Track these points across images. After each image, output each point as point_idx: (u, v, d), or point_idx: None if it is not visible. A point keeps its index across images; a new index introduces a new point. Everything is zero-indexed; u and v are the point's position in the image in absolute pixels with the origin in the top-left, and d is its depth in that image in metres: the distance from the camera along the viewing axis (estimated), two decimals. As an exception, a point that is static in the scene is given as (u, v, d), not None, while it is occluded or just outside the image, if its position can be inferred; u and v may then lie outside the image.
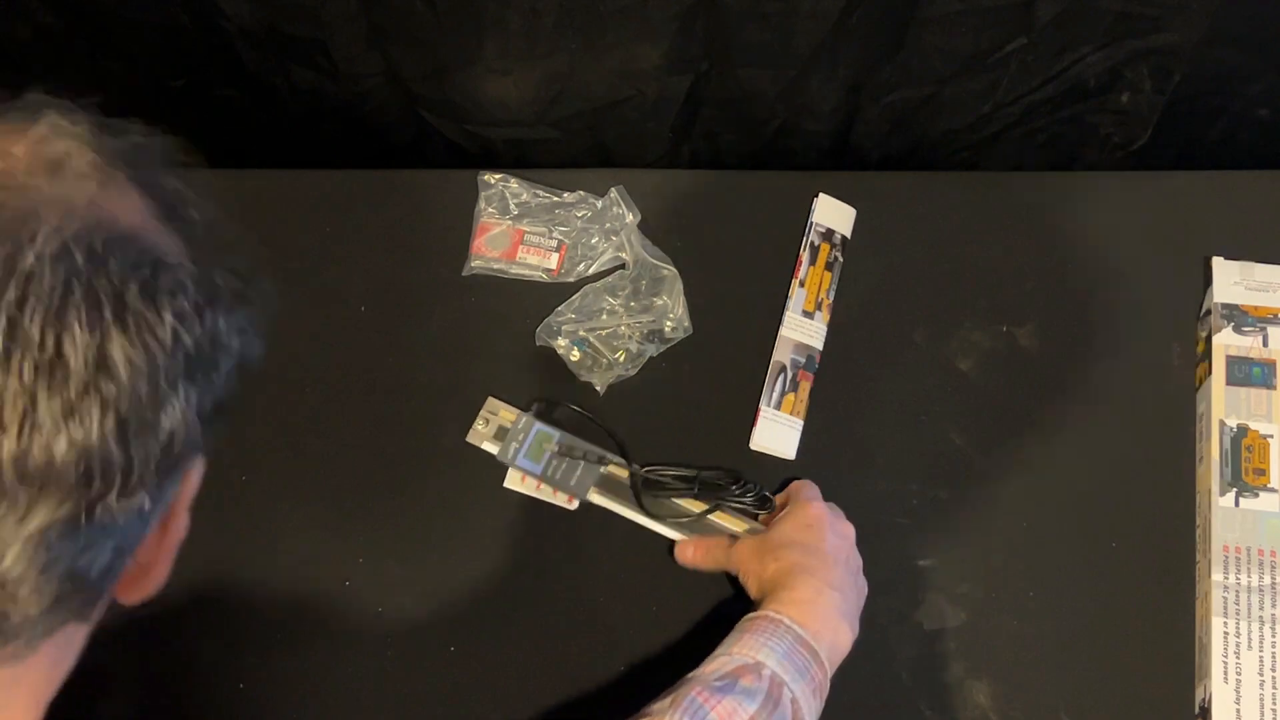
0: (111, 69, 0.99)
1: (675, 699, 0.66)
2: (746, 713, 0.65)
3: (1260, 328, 0.89)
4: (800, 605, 0.73)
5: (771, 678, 0.68)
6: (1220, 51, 0.93)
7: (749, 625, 0.72)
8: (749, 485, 0.84)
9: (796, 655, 0.70)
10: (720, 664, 0.69)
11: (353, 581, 0.84)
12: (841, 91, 0.97)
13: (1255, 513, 0.84)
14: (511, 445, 0.86)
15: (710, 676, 0.68)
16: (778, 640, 0.70)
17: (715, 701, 0.65)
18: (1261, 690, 0.79)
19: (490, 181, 0.97)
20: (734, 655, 0.69)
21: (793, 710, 0.68)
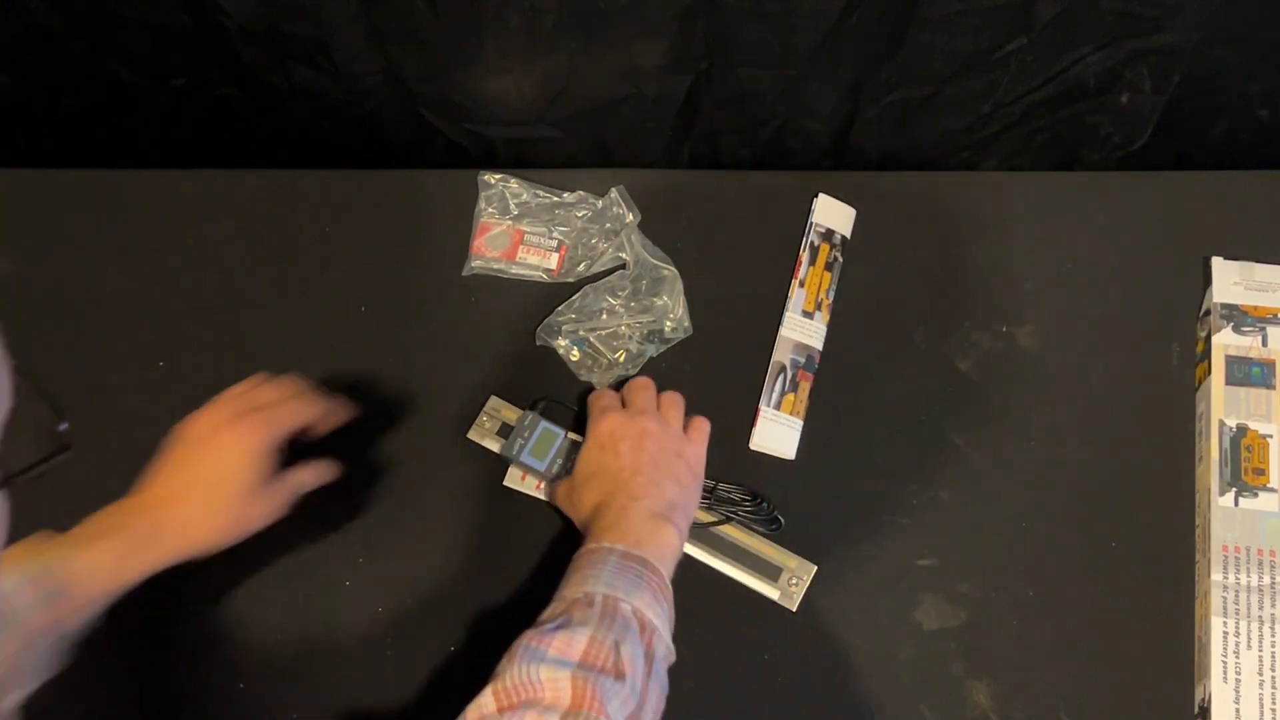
0: (111, 69, 0.99)
1: (510, 653, 0.65)
2: (585, 635, 0.65)
3: (1260, 328, 0.89)
4: (611, 529, 0.74)
5: (603, 600, 0.68)
6: (1220, 51, 0.93)
7: (573, 566, 0.72)
8: (762, 504, 0.85)
9: (626, 571, 0.70)
10: (552, 609, 0.69)
11: (353, 581, 0.85)
12: (841, 91, 0.97)
13: (1255, 513, 0.84)
14: (516, 441, 0.86)
15: (545, 624, 0.67)
16: (600, 567, 0.70)
17: (549, 639, 0.65)
18: (1261, 690, 0.79)
19: (490, 181, 0.97)
20: (563, 597, 0.69)
21: (636, 619, 0.68)
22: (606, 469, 0.79)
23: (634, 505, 0.75)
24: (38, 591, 0.69)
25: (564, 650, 0.64)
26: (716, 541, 0.85)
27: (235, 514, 0.76)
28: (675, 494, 0.78)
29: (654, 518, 0.75)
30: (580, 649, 0.64)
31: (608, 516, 0.75)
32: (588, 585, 0.69)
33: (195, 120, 1.05)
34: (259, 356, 0.92)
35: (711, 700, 0.82)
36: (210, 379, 0.80)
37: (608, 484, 0.78)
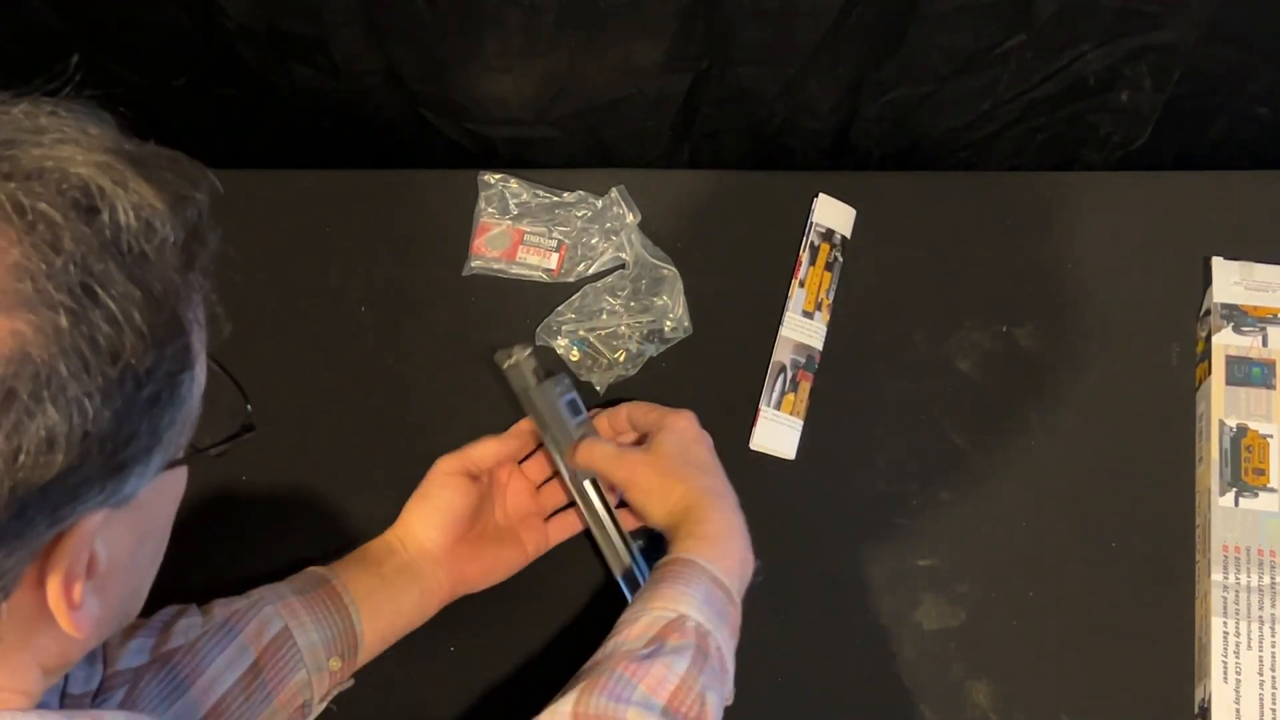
0: (111, 69, 0.99)
1: (593, 680, 0.61)
2: (676, 675, 0.62)
3: (1260, 328, 0.89)
4: (713, 541, 0.70)
5: (696, 629, 0.65)
6: (1220, 50, 0.92)
7: (664, 574, 0.69)
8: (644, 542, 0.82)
9: (714, 599, 0.67)
10: (643, 626, 0.65)
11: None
12: (841, 90, 0.97)
13: (1255, 513, 0.84)
14: (556, 388, 0.83)
15: (636, 644, 0.64)
16: (695, 586, 0.67)
17: (643, 671, 0.61)
18: (1261, 690, 0.79)
19: (490, 181, 0.97)
20: (653, 610, 0.66)
21: (719, 660, 0.65)
22: (703, 463, 0.76)
23: (738, 521, 0.73)
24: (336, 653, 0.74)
25: (654, 689, 0.61)
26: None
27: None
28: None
29: (746, 543, 0.72)
30: (670, 690, 0.61)
31: (713, 523, 0.72)
32: (682, 605, 0.66)
33: (195, 120, 1.05)
34: (259, 356, 0.91)
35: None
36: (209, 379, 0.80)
37: (710, 480, 0.75)
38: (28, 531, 0.40)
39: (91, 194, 0.40)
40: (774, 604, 0.84)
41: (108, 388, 0.40)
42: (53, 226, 0.39)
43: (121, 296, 0.40)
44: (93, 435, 0.40)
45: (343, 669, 0.75)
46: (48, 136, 0.42)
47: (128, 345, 0.40)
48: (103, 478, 0.42)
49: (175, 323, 0.43)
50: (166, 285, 0.42)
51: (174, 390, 0.44)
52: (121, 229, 0.41)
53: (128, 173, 0.42)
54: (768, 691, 0.82)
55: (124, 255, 0.41)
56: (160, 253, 0.42)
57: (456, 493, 0.80)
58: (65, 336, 0.39)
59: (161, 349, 0.42)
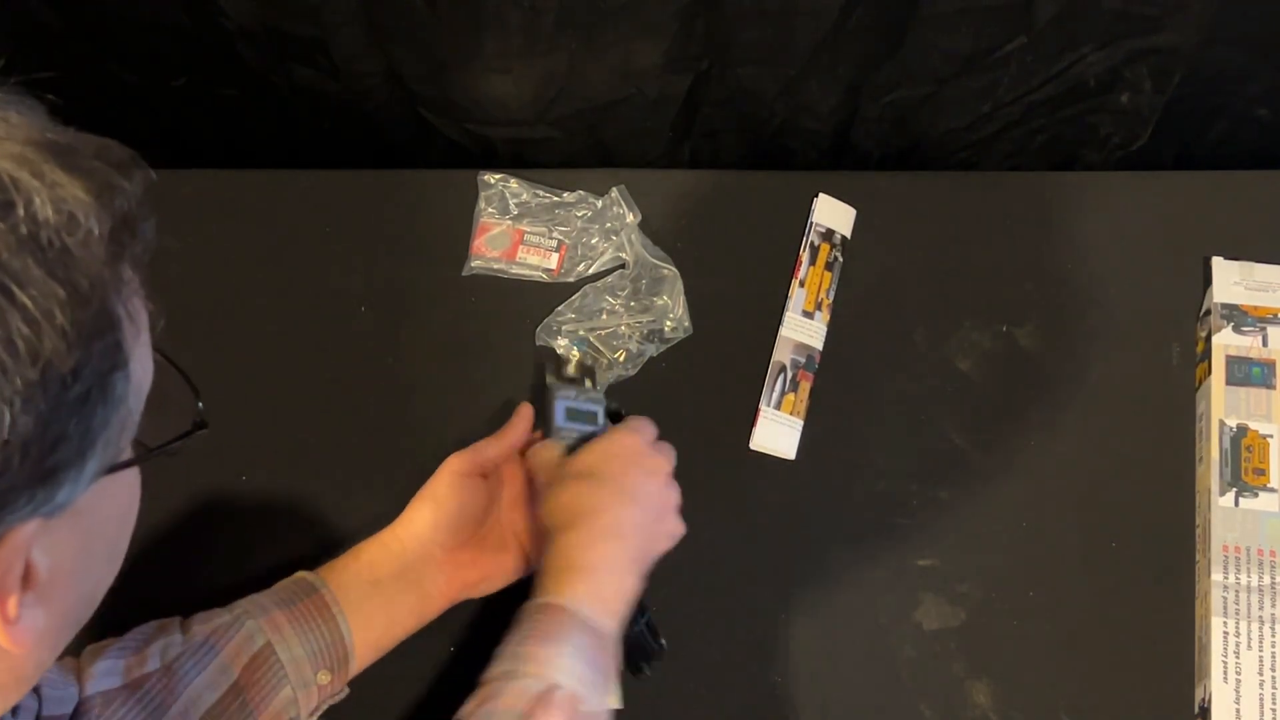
0: (111, 69, 0.99)
1: None
2: None
3: (1260, 328, 0.89)
4: (585, 575, 0.67)
5: (569, 700, 0.61)
6: (1220, 51, 0.93)
7: (536, 625, 0.65)
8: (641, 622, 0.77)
9: (587, 652, 0.64)
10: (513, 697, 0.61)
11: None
12: (841, 91, 0.97)
13: (1255, 513, 0.84)
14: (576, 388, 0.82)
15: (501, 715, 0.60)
16: (568, 645, 0.64)
17: None
18: (1261, 690, 0.79)
19: (490, 181, 0.97)
20: (524, 676, 0.62)
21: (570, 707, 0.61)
22: (604, 477, 0.72)
23: (611, 546, 0.69)
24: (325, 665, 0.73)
25: None
26: None
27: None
28: (644, 547, 0.71)
29: (624, 568, 0.69)
30: None
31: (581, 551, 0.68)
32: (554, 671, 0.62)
33: (195, 120, 1.05)
34: (259, 356, 0.92)
35: (711, 697, 0.82)
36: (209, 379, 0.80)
37: (595, 496, 0.71)
38: None
39: (5, 187, 0.39)
40: (774, 604, 0.84)
41: (28, 391, 0.38)
42: None
43: (41, 295, 0.38)
44: (13, 442, 0.38)
45: (333, 681, 0.73)
46: None
47: (48, 345, 0.38)
48: (30, 485, 0.40)
49: (103, 318, 0.41)
50: (93, 280, 0.40)
51: (105, 389, 0.42)
52: (40, 223, 0.39)
53: (46, 164, 0.40)
54: (768, 691, 0.82)
55: (43, 250, 0.39)
56: (85, 246, 0.40)
57: (467, 494, 0.78)
58: None
59: (88, 347, 0.40)
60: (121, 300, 0.43)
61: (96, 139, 0.43)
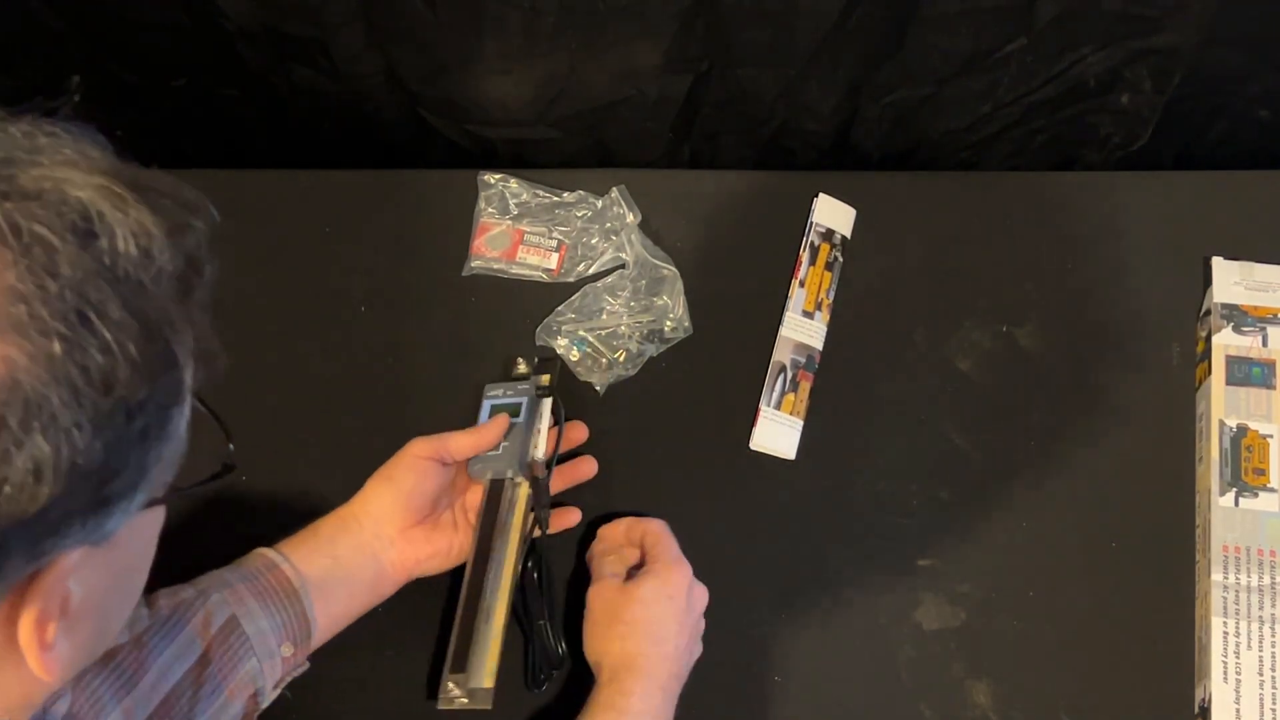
0: (111, 69, 0.99)
1: None
2: None
3: (1260, 328, 0.89)
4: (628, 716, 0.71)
5: None
6: (1220, 51, 0.93)
7: None
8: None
9: None
10: None
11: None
12: (841, 91, 0.97)
13: (1255, 513, 0.84)
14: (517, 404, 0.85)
15: None
16: None
17: None
18: (1261, 690, 0.79)
19: (490, 181, 0.97)
20: None
21: None
22: (661, 624, 0.75)
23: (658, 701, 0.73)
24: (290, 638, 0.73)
25: None
26: None
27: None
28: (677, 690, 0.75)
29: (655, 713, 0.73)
30: None
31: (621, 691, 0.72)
32: None
33: (195, 120, 1.05)
34: (259, 356, 0.92)
35: (711, 697, 0.82)
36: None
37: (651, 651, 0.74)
38: (5, 567, 0.39)
39: (90, 218, 0.39)
40: (774, 604, 0.84)
41: (99, 419, 0.38)
42: (49, 250, 0.38)
43: (117, 325, 0.39)
44: (81, 467, 0.38)
45: (295, 654, 0.74)
46: (46, 157, 0.40)
47: (121, 376, 0.39)
48: (86, 513, 0.40)
49: (169, 355, 0.42)
50: (161, 316, 0.41)
51: (164, 425, 0.43)
52: (119, 255, 0.40)
53: (127, 197, 0.41)
54: (768, 691, 0.82)
55: (120, 282, 0.39)
56: (157, 282, 0.41)
57: (424, 477, 0.79)
58: (58, 364, 0.37)
59: (154, 381, 0.41)
60: (185, 339, 0.43)
61: (168, 177, 0.44)
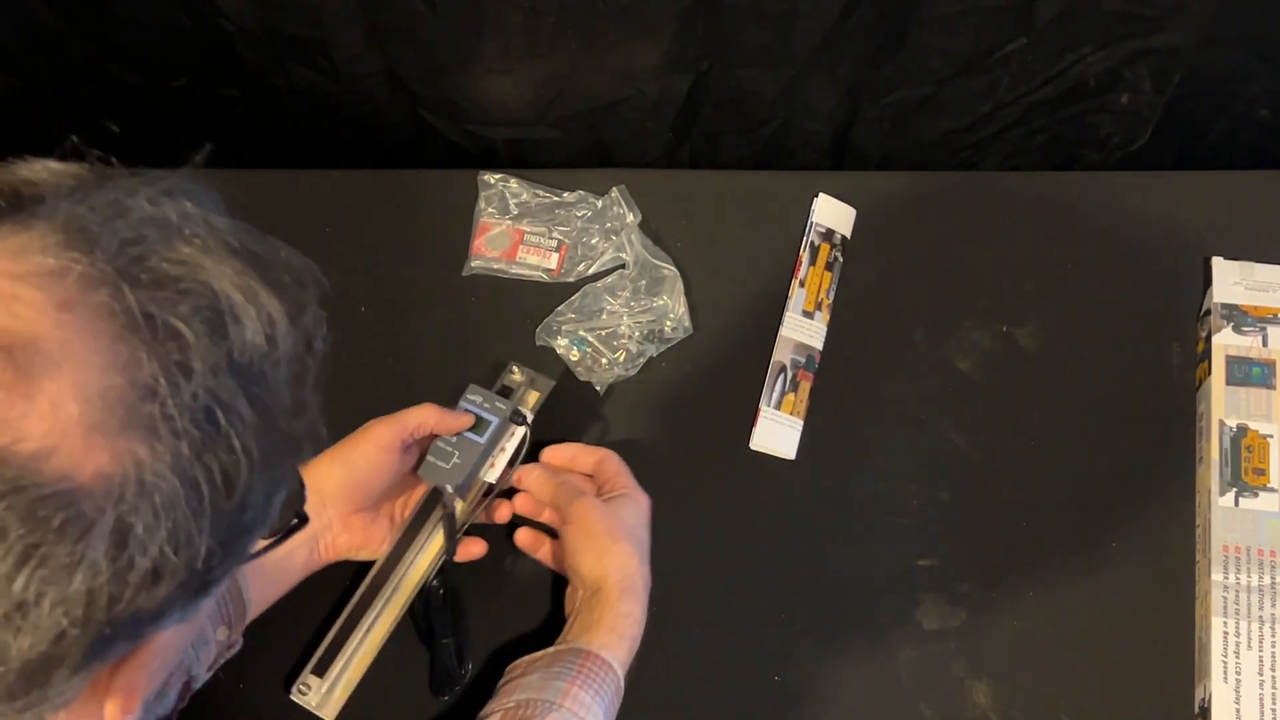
0: (111, 69, 0.99)
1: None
2: None
3: (1260, 328, 0.89)
4: (622, 634, 0.73)
5: None
6: (1220, 51, 0.93)
7: (586, 669, 0.70)
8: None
9: (613, 707, 0.71)
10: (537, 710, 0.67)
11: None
12: (841, 91, 0.97)
13: (1255, 513, 0.84)
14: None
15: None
16: (603, 696, 0.70)
17: None
18: (1261, 690, 0.79)
19: (490, 181, 0.97)
20: (564, 710, 0.67)
21: None
22: (644, 547, 0.78)
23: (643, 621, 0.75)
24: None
25: None
26: None
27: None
28: None
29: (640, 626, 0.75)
30: None
31: (626, 622, 0.74)
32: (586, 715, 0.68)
33: (195, 120, 1.05)
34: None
35: (711, 697, 0.82)
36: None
37: (641, 571, 0.76)
38: (109, 654, 0.38)
39: (221, 310, 0.38)
40: (774, 604, 0.84)
41: (218, 518, 0.37)
42: (183, 345, 0.36)
43: (243, 423, 0.38)
44: (198, 568, 0.37)
45: (230, 636, 0.73)
46: (176, 236, 0.38)
47: (243, 476, 0.38)
48: (189, 599, 0.39)
49: (285, 445, 0.41)
50: (280, 405, 0.40)
51: (268, 510, 0.41)
52: (248, 347, 0.38)
53: (257, 284, 0.39)
54: (768, 691, 0.82)
55: (246, 375, 0.38)
56: (276, 368, 0.40)
57: (380, 466, 0.77)
58: (185, 466, 0.36)
59: (269, 473, 0.39)
60: (298, 425, 0.42)
61: (279, 244, 0.42)
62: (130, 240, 0.37)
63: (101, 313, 0.36)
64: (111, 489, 0.35)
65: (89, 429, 0.35)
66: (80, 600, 0.35)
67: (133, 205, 0.38)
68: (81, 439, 0.35)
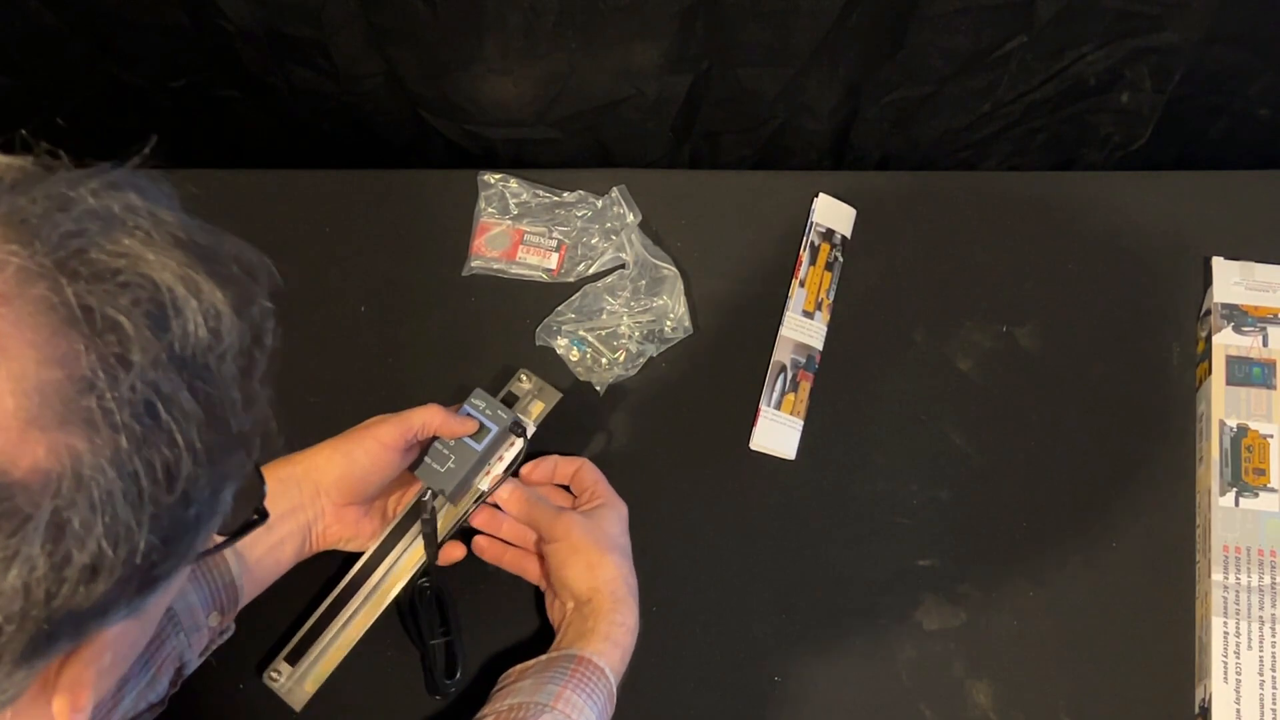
0: (111, 69, 0.99)
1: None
2: None
3: (1260, 328, 0.89)
4: (616, 642, 0.74)
5: None
6: (1220, 51, 0.93)
7: (579, 673, 0.71)
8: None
9: (606, 713, 0.71)
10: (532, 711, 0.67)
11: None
12: (841, 91, 0.97)
13: (1255, 513, 0.84)
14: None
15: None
16: (595, 700, 0.70)
17: None
18: (1261, 690, 0.79)
19: (490, 181, 0.97)
20: (557, 713, 0.68)
21: None
22: (628, 554, 0.79)
23: (636, 628, 0.76)
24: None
25: None
26: None
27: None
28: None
29: (633, 634, 0.75)
30: None
31: (619, 630, 0.74)
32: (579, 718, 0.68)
33: (195, 120, 1.05)
34: (259, 357, 0.92)
35: (711, 697, 0.82)
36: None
37: (629, 578, 0.77)
38: (50, 652, 0.38)
39: (163, 303, 0.37)
40: (774, 604, 0.84)
41: (159, 514, 0.37)
42: (122, 338, 0.36)
43: (184, 416, 0.37)
44: (138, 563, 0.37)
45: (222, 621, 0.73)
46: (120, 229, 0.38)
47: (185, 469, 0.37)
48: (133, 597, 0.39)
49: (231, 440, 0.40)
50: (226, 399, 0.39)
51: (215, 506, 0.41)
52: (190, 340, 0.38)
53: (199, 276, 0.39)
54: (768, 691, 0.82)
55: (188, 368, 0.38)
56: (222, 361, 0.39)
57: (381, 464, 0.77)
58: (124, 460, 0.36)
59: (214, 467, 0.39)
60: (245, 420, 0.41)
61: (230, 239, 0.42)
62: (71, 233, 0.37)
63: (40, 306, 0.35)
64: (49, 483, 0.34)
65: (25, 423, 0.34)
66: (16, 595, 0.35)
67: (76, 197, 0.38)
68: (18, 433, 0.34)
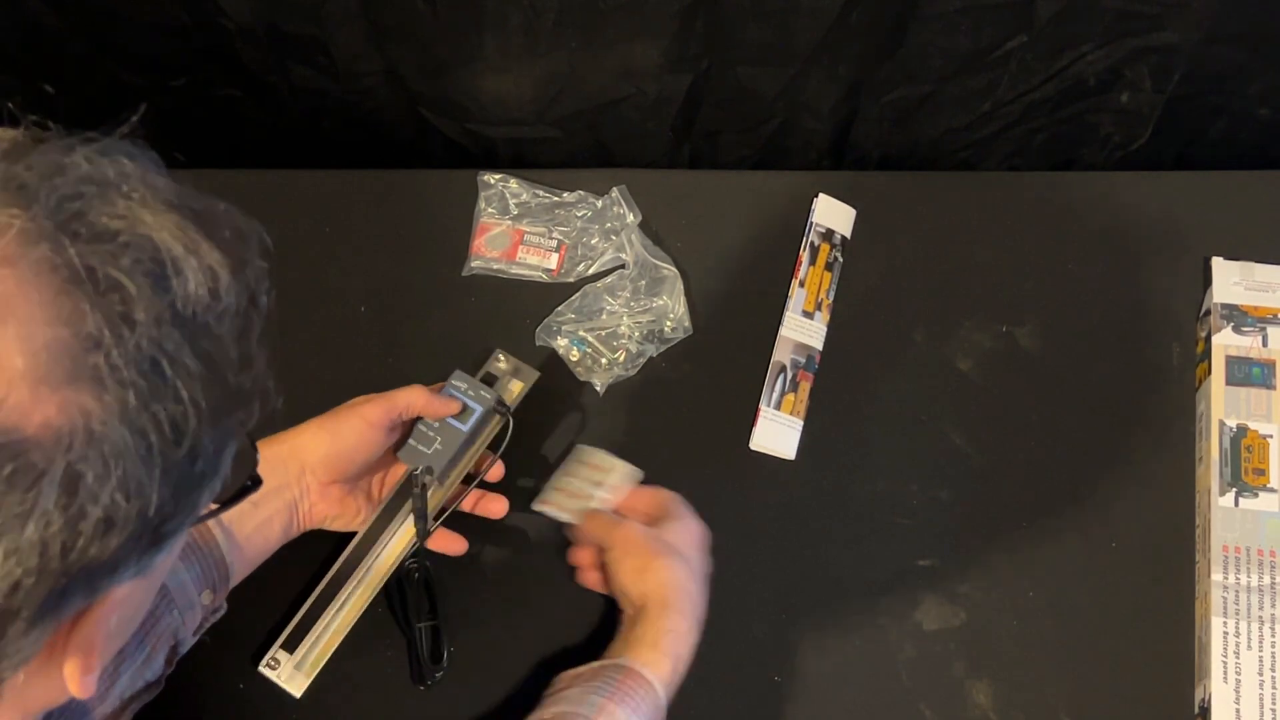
0: (111, 69, 0.99)
1: None
2: None
3: (1260, 328, 0.89)
4: (669, 659, 0.72)
5: None
6: (1220, 50, 0.93)
7: (625, 685, 0.70)
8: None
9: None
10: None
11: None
12: (841, 90, 0.97)
13: (1255, 513, 0.84)
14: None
15: None
16: (641, 714, 0.69)
17: None
18: (1261, 690, 0.79)
19: (490, 181, 0.97)
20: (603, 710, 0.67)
21: None
22: (693, 564, 0.77)
23: (693, 638, 0.74)
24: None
25: None
26: None
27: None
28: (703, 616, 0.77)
29: (689, 644, 0.74)
30: None
31: (671, 638, 0.73)
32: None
33: (195, 120, 1.05)
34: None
35: (712, 697, 0.82)
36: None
37: (690, 583, 0.76)
38: (64, 609, 0.39)
39: (163, 261, 0.38)
40: (774, 604, 0.84)
41: (168, 468, 0.38)
42: (125, 297, 0.37)
43: (188, 373, 0.38)
44: (150, 516, 0.38)
45: (215, 600, 0.73)
46: (116, 192, 0.39)
47: (191, 425, 0.38)
48: (143, 553, 0.40)
49: (232, 397, 0.41)
50: (225, 358, 0.40)
51: (218, 464, 0.42)
52: (190, 299, 0.39)
53: (197, 236, 0.40)
54: (768, 691, 0.82)
55: (190, 327, 0.39)
56: (221, 321, 0.40)
57: (366, 442, 0.77)
58: (133, 416, 0.36)
59: (216, 425, 0.40)
60: (244, 379, 0.42)
61: (218, 203, 0.43)
62: (69, 196, 0.37)
63: (43, 267, 0.36)
64: (60, 439, 0.35)
65: (35, 381, 0.35)
66: (34, 550, 0.35)
67: (70, 164, 0.39)
68: (28, 391, 0.35)
